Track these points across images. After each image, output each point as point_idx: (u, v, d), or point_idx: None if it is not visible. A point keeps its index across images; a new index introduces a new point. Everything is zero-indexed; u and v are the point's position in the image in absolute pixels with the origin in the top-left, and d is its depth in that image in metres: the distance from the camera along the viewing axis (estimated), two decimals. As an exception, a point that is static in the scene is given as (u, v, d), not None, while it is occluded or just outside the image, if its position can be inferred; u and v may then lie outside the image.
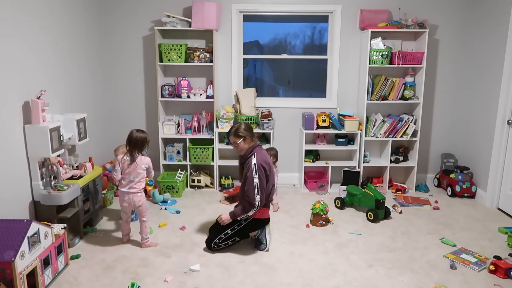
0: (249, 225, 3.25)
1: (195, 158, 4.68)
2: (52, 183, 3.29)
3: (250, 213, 3.16)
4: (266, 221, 3.34)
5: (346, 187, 4.35)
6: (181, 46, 4.47)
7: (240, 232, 3.25)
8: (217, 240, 3.22)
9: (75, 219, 3.40)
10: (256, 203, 3.11)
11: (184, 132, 4.73)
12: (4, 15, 2.94)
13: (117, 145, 4.09)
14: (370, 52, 4.45)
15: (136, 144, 3.19)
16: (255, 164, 3.13)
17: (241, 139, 3.21)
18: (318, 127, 4.70)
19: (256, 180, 3.10)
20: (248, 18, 4.83)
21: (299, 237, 3.57)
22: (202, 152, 4.64)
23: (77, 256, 3.15)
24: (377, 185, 4.80)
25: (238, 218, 3.22)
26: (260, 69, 5.12)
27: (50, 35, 3.58)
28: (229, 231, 3.23)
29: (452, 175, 4.61)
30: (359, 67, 4.78)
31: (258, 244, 3.34)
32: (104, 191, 4.14)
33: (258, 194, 3.11)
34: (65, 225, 3.06)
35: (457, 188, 4.51)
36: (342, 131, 4.66)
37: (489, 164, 4.29)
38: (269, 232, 3.39)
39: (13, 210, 3.04)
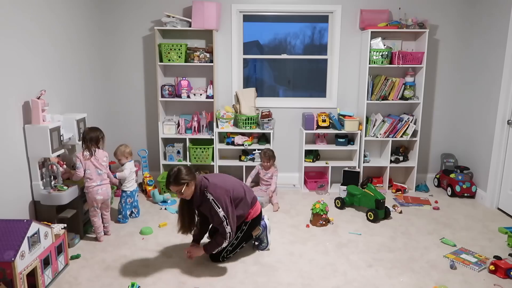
0: (250, 226, 3.18)
1: (195, 158, 4.68)
2: (52, 183, 3.29)
3: (224, 244, 2.95)
4: (261, 215, 3.29)
5: (346, 187, 4.35)
6: (181, 46, 4.47)
7: (244, 237, 3.16)
8: (225, 254, 3.09)
9: (75, 219, 3.41)
10: (228, 234, 2.89)
11: (184, 132, 4.73)
12: (4, 15, 2.94)
13: (116, 144, 4.09)
14: (370, 52, 4.45)
15: (91, 141, 3.35)
16: (212, 199, 2.88)
17: (184, 186, 2.86)
18: (318, 127, 4.70)
19: (221, 214, 2.87)
20: (248, 18, 4.82)
21: (299, 237, 3.57)
22: (202, 152, 4.64)
23: (77, 256, 3.15)
24: (377, 185, 4.80)
25: (212, 251, 3.03)
26: (260, 69, 5.12)
27: (50, 35, 3.58)
28: (235, 241, 3.09)
29: (452, 175, 4.61)
30: (359, 67, 4.78)
31: (259, 244, 3.34)
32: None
33: (228, 225, 2.88)
34: (65, 225, 3.06)
35: (457, 188, 4.51)
36: (342, 131, 4.66)
37: (489, 164, 4.29)
38: (270, 232, 3.39)
39: (13, 210, 3.04)
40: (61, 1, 3.76)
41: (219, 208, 2.87)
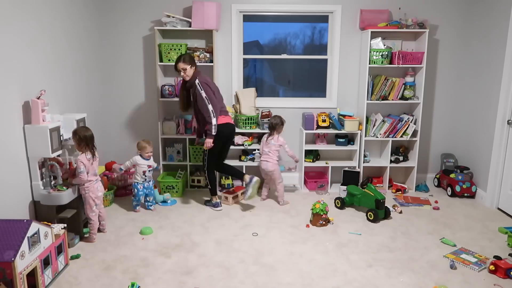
0: (215, 135, 3.88)
1: (195, 158, 4.68)
2: (52, 183, 3.29)
3: (213, 121, 3.83)
4: (227, 126, 4.03)
5: (346, 187, 4.35)
6: (181, 46, 4.47)
7: (213, 149, 3.96)
8: (205, 165, 4.11)
9: (74, 219, 3.41)
10: (210, 112, 3.81)
11: (184, 132, 4.73)
12: (3, 15, 2.94)
13: (116, 144, 4.10)
14: (370, 52, 4.45)
15: (91, 140, 3.37)
16: (198, 83, 3.83)
17: (189, 66, 3.86)
18: (318, 127, 4.70)
19: (204, 94, 3.81)
20: (248, 18, 4.82)
21: (299, 237, 3.57)
22: (202, 152, 4.63)
23: (77, 256, 3.15)
24: (377, 185, 4.80)
25: (213, 132, 3.86)
26: (260, 69, 5.12)
27: (50, 35, 3.58)
28: (206, 151, 4.03)
29: (452, 175, 4.61)
30: (359, 67, 4.78)
31: (244, 192, 4.12)
32: (105, 191, 4.13)
33: (209, 103, 3.81)
34: (65, 225, 3.06)
35: (457, 188, 4.51)
36: (342, 131, 4.66)
37: (489, 164, 4.29)
38: (253, 186, 4.05)
39: (13, 210, 3.04)
40: (60, 1, 3.76)
41: (202, 90, 3.82)
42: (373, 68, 4.52)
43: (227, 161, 4.42)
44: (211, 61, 4.53)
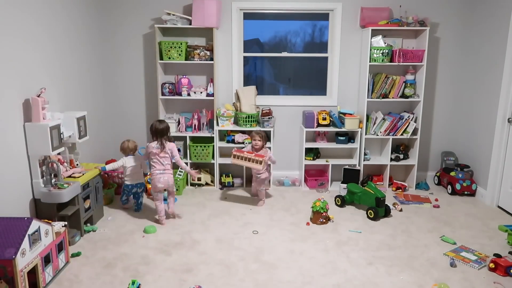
0: None
1: (195, 156, 4.68)
2: (53, 181, 3.29)
3: None
4: None
5: (346, 185, 4.35)
6: (181, 44, 4.47)
7: None
8: None
9: (75, 217, 3.41)
10: None
11: (185, 130, 4.73)
12: (4, 13, 2.94)
13: (117, 143, 4.09)
14: (370, 50, 4.44)
15: (162, 133, 3.73)
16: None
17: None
18: (319, 125, 4.70)
19: None
20: (248, 16, 4.82)
21: (299, 235, 3.58)
22: (203, 150, 4.64)
23: (77, 254, 3.15)
24: (377, 183, 4.80)
25: None
26: (261, 67, 5.11)
27: (50, 33, 3.57)
28: None
29: (452, 173, 4.61)
30: (360, 65, 4.77)
31: None
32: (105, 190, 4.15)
33: None
34: (66, 223, 3.06)
35: (457, 186, 4.51)
36: (343, 129, 4.66)
37: (489, 162, 4.29)
38: None
39: (14, 208, 3.04)
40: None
41: None
42: (373, 66, 4.52)
43: (226, 160, 4.38)
44: (211, 59, 4.52)
